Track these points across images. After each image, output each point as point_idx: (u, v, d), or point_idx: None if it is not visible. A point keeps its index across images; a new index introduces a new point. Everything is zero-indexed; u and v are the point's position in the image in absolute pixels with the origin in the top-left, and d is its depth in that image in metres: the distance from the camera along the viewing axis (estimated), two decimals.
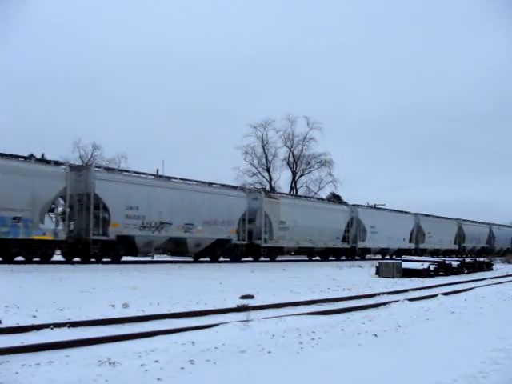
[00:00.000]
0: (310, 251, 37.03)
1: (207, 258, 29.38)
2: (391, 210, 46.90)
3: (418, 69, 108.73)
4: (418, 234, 48.75)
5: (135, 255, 25.49)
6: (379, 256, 43.24)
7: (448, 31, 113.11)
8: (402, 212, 48.33)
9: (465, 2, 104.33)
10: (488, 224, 64.64)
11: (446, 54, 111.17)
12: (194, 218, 27.02)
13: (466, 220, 58.32)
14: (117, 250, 23.91)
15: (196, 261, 29.86)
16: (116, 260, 23.90)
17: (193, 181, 28.81)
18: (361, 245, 40.22)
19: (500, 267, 35.21)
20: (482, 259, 33.33)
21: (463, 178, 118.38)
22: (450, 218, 55.39)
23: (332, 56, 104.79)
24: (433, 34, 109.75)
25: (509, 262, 43.95)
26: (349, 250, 39.31)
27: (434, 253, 49.54)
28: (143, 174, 26.28)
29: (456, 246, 55.50)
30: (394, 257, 41.43)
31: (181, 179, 28.17)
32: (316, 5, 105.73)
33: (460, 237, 56.50)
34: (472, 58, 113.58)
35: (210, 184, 29.55)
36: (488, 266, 31.69)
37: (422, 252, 46.96)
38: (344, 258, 39.20)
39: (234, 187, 31.08)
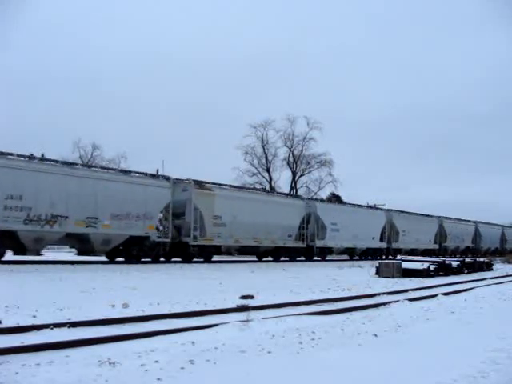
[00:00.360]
0: (255, 250, 32.73)
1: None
2: (358, 206, 43.70)
3: (418, 69, 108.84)
4: (390, 232, 44.72)
5: (23, 254, 21.36)
6: (346, 256, 40.86)
7: (448, 31, 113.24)
8: (370, 208, 45.66)
9: (465, 2, 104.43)
10: (474, 222, 60.16)
11: (446, 53, 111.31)
12: (98, 210, 23.07)
13: (448, 217, 54.53)
14: None
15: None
16: None
17: (102, 168, 25.22)
18: (319, 244, 36.21)
19: (500, 267, 35.21)
20: (482, 259, 33.33)
21: (463, 178, 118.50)
22: (429, 216, 51.68)
23: (332, 56, 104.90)
24: (433, 34, 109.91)
25: (509, 262, 43.93)
26: (305, 249, 35.43)
27: (411, 253, 45.21)
28: (31, 157, 21.80)
29: (436, 246, 51.30)
30: (372, 258, 40.33)
31: (85, 165, 25.10)
32: (316, 5, 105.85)
33: (441, 236, 52.41)
34: (472, 57, 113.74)
35: (127, 172, 25.93)
36: (488, 266, 31.69)
37: (396, 252, 43.43)
38: (303, 258, 35.91)
39: (155, 176, 26.36)
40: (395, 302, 12.30)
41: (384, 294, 14.42)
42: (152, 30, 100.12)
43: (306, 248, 35.38)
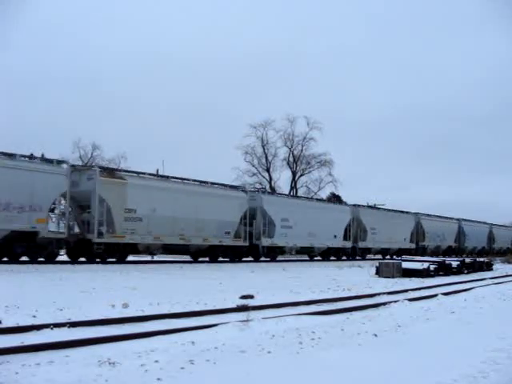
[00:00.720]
0: (184, 249, 28.45)
1: (206, 259, 28.81)
2: (317, 200, 41.22)
3: (418, 69, 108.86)
4: (357, 230, 40.27)
5: None
6: (304, 257, 37.78)
7: (448, 31, 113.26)
8: (331, 203, 43.16)
9: (465, 2, 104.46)
10: (457, 220, 56.90)
11: (446, 54, 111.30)
12: None
13: (427, 214, 51.46)
14: None
15: (195, 261, 28.82)
16: None
17: None
18: (267, 242, 31.80)
19: (500, 267, 35.22)
20: (482, 259, 33.36)
21: (463, 178, 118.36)
22: (404, 212, 47.77)
23: (332, 56, 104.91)
24: (433, 33, 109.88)
25: (509, 262, 43.94)
26: (249, 248, 31.09)
27: (384, 253, 43.60)
28: None
29: (413, 245, 47.39)
30: (337, 258, 37.77)
31: None
32: (316, 5, 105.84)
33: (418, 234, 48.97)
34: (472, 58, 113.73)
35: (12, 155, 21.09)
36: (488, 266, 31.74)
37: (364, 252, 40.94)
38: (250, 258, 31.88)
39: (48, 160, 22.40)
40: (395, 301, 12.30)
41: (384, 293, 14.42)
42: (152, 29, 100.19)
43: (250, 247, 31.07)
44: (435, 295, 14.33)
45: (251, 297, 12.20)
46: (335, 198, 55.56)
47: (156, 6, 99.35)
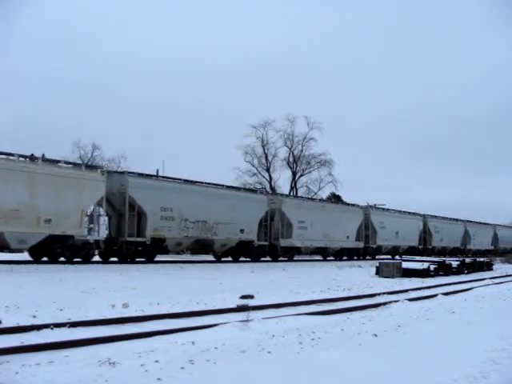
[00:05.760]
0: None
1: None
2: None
3: (418, 69, 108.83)
4: (281, 225, 32.43)
5: None
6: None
7: (447, 32, 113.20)
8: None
9: (464, 3, 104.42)
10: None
11: (446, 55, 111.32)
12: None
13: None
14: None
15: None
16: None
17: None
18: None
19: (500, 267, 35.21)
20: (482, 259, 33.35)
21: (463, 179, 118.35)
22: (353, 205, 42.12)
23: (332, 56, 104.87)
24: (433, 35, 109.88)
25: (509, 262, 43.93)
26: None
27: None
28: None
29: (360, 244, 40.67)
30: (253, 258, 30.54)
31: None
32: (316, 5, 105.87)
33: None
34: (471, 60, 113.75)
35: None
36: (488, 266, 31.74)
37: (287, 251, 32.88)
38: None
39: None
40: (395, 301, 12.31)
41: (384, 293, 14.42)
42: (152, 30, 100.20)
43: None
44: (435, 295, 14.33)
45: (251, 297, 12.19)
46: (335, 198, 55.55)
47: (156, 6, 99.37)
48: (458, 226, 55.18)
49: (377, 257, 41.21)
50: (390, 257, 40.64)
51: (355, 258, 39.26)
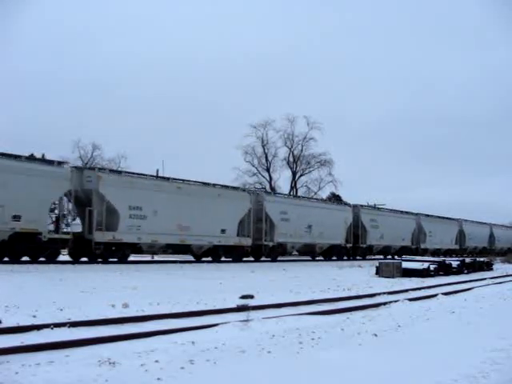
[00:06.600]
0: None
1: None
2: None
3: (418, 70, 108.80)
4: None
5: None
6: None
7: (447, 33, 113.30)
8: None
9: (464, 4, 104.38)
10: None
11: (446, 55, 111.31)
12: None
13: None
14: None
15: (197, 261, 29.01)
16: None
17: None
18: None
19: (500, 267, 35.21)
20: (482, 259, 33.35)
21: (464, 179, 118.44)
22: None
23: (332, 56, 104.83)
24: (432, 35, 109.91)
25: (509, 262, 43.93)
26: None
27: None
28: None
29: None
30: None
31: None
32: (316, 5, 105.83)
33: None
34: (471, 61, 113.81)
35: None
36: (488, 266, 31.74)
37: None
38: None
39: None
40: (395, 301, 12.30)
41: (384, 293, 14.41)
42: (152, 30, 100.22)
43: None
44: (435, 295, 14.32)
45: (251, 297, 12.19)
46: (335, 198, 55.54)
47: (156, 6, 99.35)
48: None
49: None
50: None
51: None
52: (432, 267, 24.07)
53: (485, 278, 23.04)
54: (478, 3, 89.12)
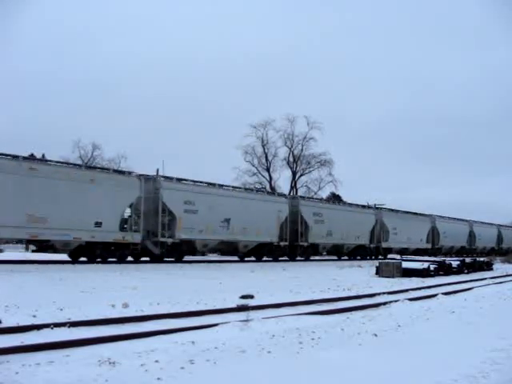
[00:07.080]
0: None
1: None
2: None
3: (418, 70, 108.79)
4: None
5: None
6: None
7: (447, 34, 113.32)
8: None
9: (463, 4, 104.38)
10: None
11: (446, 56, 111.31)
12: None
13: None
14: None
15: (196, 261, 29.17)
16: None
17: None
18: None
19: (500, 267, 35.21)
20: (482, 259, 33.35)
21: (463, 179, 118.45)
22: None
23: (332, 56, 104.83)
24: (432, 36, 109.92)
25: (509, 262, 43.93)
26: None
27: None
28: None
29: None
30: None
31: None
32: (316, 5, 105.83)
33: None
34: (471, 61, 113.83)
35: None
36: (488, 266, 31.74)
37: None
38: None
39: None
40: (395, 301, 12.30)
41: (384, 293, 14.40)
42: (152, 30, 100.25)
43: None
44: (435, 295, 14.32)
45: (251, 297, 12.19)
46: (335, 198, 55.54)
47: (156, 6, 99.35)
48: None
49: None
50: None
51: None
52: (432, 267, 24.07)
53: (485, 278, 23.04)
54: (477, 3, 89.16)
